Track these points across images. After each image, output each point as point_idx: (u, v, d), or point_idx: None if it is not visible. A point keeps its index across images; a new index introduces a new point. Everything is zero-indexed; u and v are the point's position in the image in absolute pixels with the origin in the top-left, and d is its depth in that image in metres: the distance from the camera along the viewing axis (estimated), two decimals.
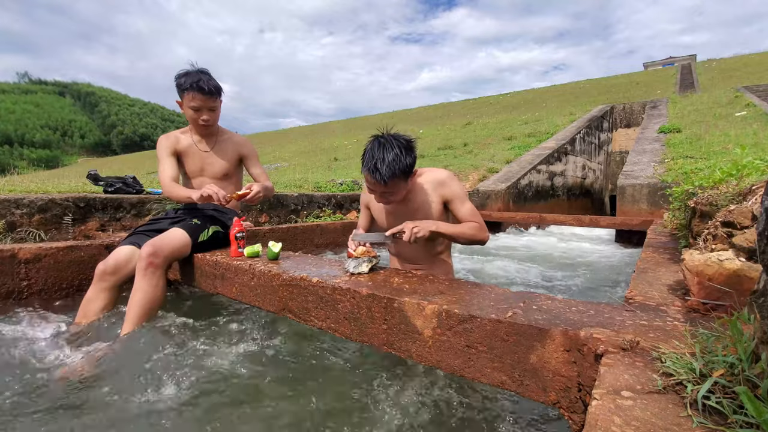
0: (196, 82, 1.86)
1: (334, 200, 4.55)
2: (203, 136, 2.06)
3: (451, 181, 1.62)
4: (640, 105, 13.63)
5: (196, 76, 1.87)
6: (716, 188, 1.61)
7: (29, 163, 50.02)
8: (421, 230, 1.43)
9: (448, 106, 31.80)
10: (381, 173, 1.38)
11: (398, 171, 1.39)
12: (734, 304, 0.92)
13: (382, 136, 1.45)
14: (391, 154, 1.38)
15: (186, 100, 1.90)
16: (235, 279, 1.72)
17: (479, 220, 1.57)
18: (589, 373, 0.84)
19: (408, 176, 1.46)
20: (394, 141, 1.42)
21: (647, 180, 5.10)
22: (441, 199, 1.61)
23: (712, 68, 25.35)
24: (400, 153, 1.39)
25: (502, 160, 8.19)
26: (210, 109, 1.94)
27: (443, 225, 1.51)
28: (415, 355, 1.15)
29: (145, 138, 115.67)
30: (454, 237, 1.53)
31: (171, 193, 1.93)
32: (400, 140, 1.43)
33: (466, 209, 1.59)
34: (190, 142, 2.05)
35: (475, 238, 1.54)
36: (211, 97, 1.92)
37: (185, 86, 1.87)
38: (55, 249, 2.02)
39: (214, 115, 1.98)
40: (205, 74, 1.90)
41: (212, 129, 2.05)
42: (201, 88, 1.87)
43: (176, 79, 1.90)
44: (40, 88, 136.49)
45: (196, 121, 1.95)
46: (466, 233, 1.53)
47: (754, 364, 0.59)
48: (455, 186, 1.61)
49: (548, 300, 1.11)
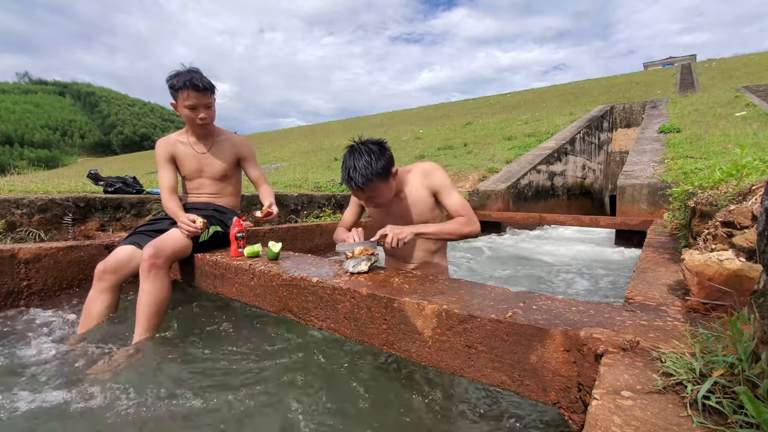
0: (189, 80, 1.85)
1: (334, 200, 4.55)
2: (200, 137, 2.05)
3: (435, 171, 1.63)
4: (640, 105, 13.63)
5: (187, 75, 1.86)
6: (716, 188, 1.61)
7: (29, 163, 49.96)
8: (404, 233, 1.44)
9: (448, 106, 31.79)
10: (355, 181, 1.41)
11: (371, 175, 1.41)
12: (734, 304, 0.92)
13: (354, 145, 1.47)
14: (361, 160, 1.41)
15: (181, 99, 1.89)
16: (235, 279, 1.72)
17: (467, 212, 1.57)
18: (589, 373, 0.84)
19: (386, 177, 1.47)
20: (362, 147, 1.44)
21: (647, 180, 5.10)
22: (429, 191, 1.62)
23: (712, 68, 25.35)
24: (370, 158, 1.41)
25: (502, 160, 8.19)
26: (206, 107, 1.93)
27: (426, 227, 1.52)
28: (415, 355, 1.15)
29: (145, 138, 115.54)
30: (440, 236, 1.53)
31: (166, 209, 1.97)
32: (369, 145, 1.45)
33: (454, 200, 1.60)
34: (187, 144, 2.04)
35: (463, 233, 1.53)
36: (205, 94, 1.90)
37: (178, 86, 1.85)
38: (55, 249, 2.02)
39: (210, 113, 1.96)
40: (196, 72, 1.89)
41: (209, 129, 2.04)
42: (195, 85, 1.86)
43: (168, 80, 1.88)
44: (40, 88, 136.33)
45: (193, 121, 1.94)
46: (452, 230, 1.52)
47: (754, 364, 0.59)
48: (440, 176, 1.62)
49: (548, 300, 1.11)
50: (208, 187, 2.10)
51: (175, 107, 1.95)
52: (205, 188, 2.10)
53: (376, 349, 1.25)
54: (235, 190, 2.21)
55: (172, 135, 2.08)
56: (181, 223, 1.83)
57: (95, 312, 1.71)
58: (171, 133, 2.09)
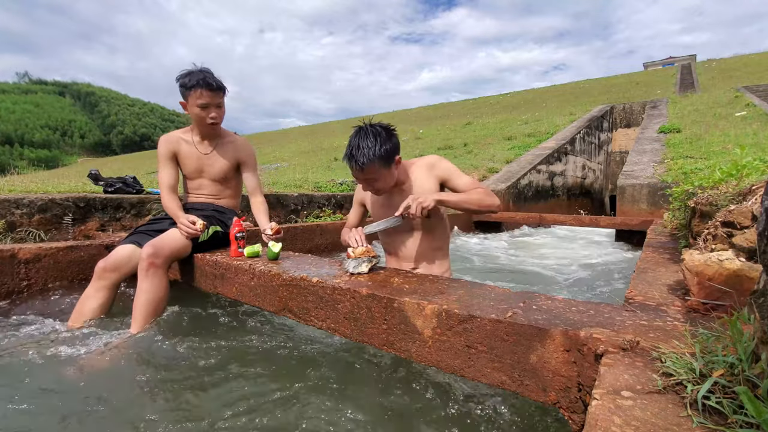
0: (203, 78, 1.85)
1: (334, 200, 4.55)
2: (205, 137, 2.04)
3: (441, 161, 1.63)
4: (640, 105, 13.63)
5: (200, 74, 1.86)
6: (716, 188, 1.61)
7: (29, 163, 49.96)
8: (426, 200, 1.42)
9: (448, 106, 31.78)
10: (356, 160, 1.42)
11: (373, 156, 1.41)
12: (734, 304, 0.92)
13: (362, 126, 1.48)
14: (366, 141, 1.42)
15: (192, 98, 1.87)
16: (235, 279, 1.72)
17: (483, 186, 1.56)
18: (589, 373, 0.84)
19: (388, 162, 1.47)
20: (370, 129, 1.45)
21: (647, 180, 5.10)
22: (437, 180, 1.61)
23: (712, 68, 25.35)
24: (375, 140, 1.42)
25: (502, 160, 8.19)
26: (217, 106, 1.93)
27: (448, 194, 1.51)
28: (415, 355, 1.15)
29: (145, 138, 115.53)
30: (461, 204, 1.51)
31: (165, 208, 1.96)
32: (377, 128, 1.46)
33: (465, 180, 1.59)
34: (191, 143, 2.02)
35: (484, 203, 1.50)
36: (218, 93, 1.91)
37: (191, 84, 1.85)
38: (55, 249, 2.02)
39: (221, 112, 1.96)
40: (208, 72, 1.89)
41: (217, 129, 2.03)
42: (209, 84, 1.86)
43: (180, 79, 1.88)
44: (40, 88, 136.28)
45: (204, 120, 1.92)
46: (473, 199, 1.50)
47: (754, 364, 0.59)
48: (446, 164, 1.62)
49: (548, 300, 1.11)
50: (209, 188, 2.10)
51: (184, 106, 1.94)
52: (205, 189, 2.09)
53: (376, 349, 1.25)
54: (235, 191, 2.20)
55: (176, 132, 2.06)
56: (180, 225, 1.83)
57: (88, 309, 1.71)
58: (175, 130, 2.07)
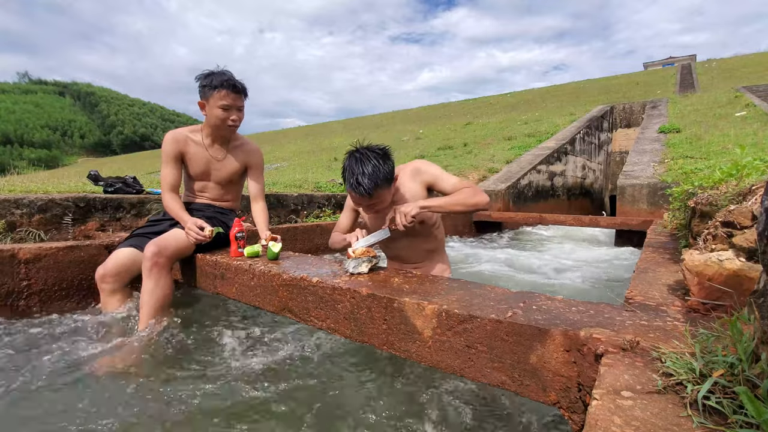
0: (227, 80, 1.79)
1: (334, 200, 4.54)
2: (216, 140, 1.96)
3: (426, 166, 1.62)
4: (640, 105, 13.63)
5: (225, 74, 1.81)
6: (716, 188, 1.61)
7: (29, 163, 49.91)
8: (411, 210, 1.41)
9: (448, 106, 31.78)
10: (364, 187, 1.38)
11: (380, 180, 1.39)
12: (734, 304, 0.92)
13: (357, 151, 1.45)
14: (370, 165, 1.39)
15: (214, 99, 1.80)
16: (235, 279, 1.72)
17: (470, 185, 1.54)
18: (589, 373, 0.84)
19: (390, 183, 1.47)
20: (369, 153, 1.42)
21: (647, 180, 5.10)
22: (423, 185, 1.60)
23: (712, 68, 25.34)
24: (378, 163, 1.40)
25: (502, 160, 8.18)
26: (238, 109, 1.87)
27: (432, 200, 1.50)
28: (415, 355, 1.15)
29: (145, 138, 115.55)
30: (446, 208, 1.49)
31: (167, 208, 1.89)
32: (376, 151, 1.44)
33: (452, 182, 1.57)
34: (201, 144, 1.94)
35: (470, 202, 1.47)
36: (240, 96, 1.86)
37: (214, 84, 1.78)
38: (55, 249, 2.02)
39: (241, 116, 1.90)
40: (230, 74, 1.84)
41: (234, 132, 1.97)
42: (233, 86, 1.80)
43: (201, 79, 1.81)
44: (40, 88, 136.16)
45: (224, 122, 1.85)
46: (458, 199, 1.48)
47: (754, 364, 0.59)
48: (431, 168, 1.62)
49: (548, 300, 1.11)
50: (213, 191, 2.05)
51: (202, 106, 1.87)
52: (209, 191, 2.05)
53: (376, 349, 1.25)
54: (238, 193, 2.19)
55: (184, 130, 1.95)
56: (188, 230, 1.77)
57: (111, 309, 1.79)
58: (182, 128, 1.97)
